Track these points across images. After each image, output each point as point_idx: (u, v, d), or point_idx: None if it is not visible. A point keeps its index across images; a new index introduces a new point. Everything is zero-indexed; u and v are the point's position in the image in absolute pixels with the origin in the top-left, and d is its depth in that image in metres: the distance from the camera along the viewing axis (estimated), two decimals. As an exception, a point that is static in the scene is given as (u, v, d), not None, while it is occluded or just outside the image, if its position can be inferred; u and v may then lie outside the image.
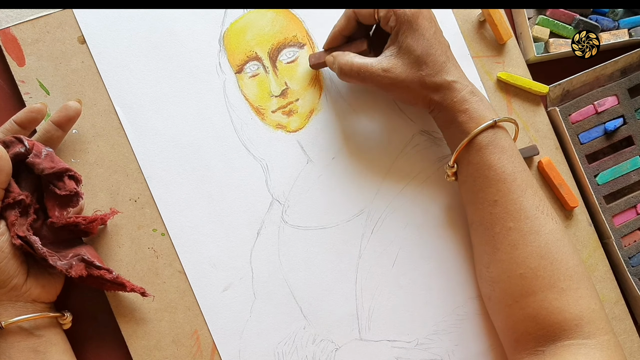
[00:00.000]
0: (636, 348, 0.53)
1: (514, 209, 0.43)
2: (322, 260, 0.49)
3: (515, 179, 0.43)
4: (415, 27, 0.44)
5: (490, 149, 0.43)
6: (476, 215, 0.46)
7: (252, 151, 0.49)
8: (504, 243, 0.43)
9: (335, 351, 0.48)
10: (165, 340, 0.46)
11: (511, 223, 0.43)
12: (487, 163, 0.44)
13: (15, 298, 0.41)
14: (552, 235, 0.42)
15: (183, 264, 0.47)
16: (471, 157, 0.45)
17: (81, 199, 0.42)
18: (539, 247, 0.42)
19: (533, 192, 0.43)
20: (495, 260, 0.44)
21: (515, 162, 0.44)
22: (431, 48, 0.44)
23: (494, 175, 0.43)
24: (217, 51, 0.49)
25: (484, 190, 0.44)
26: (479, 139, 0.44)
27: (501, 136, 0.44)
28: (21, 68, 0.46)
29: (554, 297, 0.41)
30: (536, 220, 0.42)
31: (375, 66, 0.45)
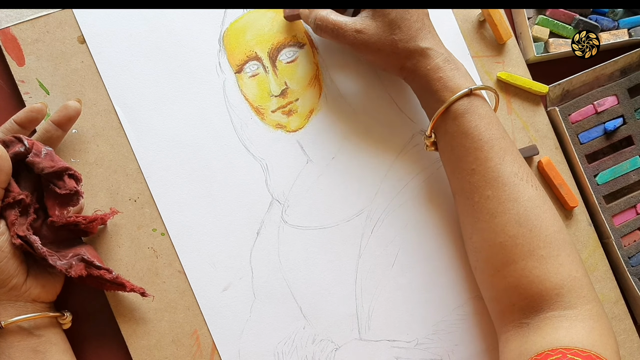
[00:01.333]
0: (636, 348, 0.53)
1: (491, 177, 0.42)
2: (322, 260, 0.49)
3: (492, 146, 0.42)
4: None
5: (467, 117, 0.43)
6: (457, 184, 0.45)
7: (252, 151, 0.49)
8: (483, 212, 0.43)
9: (335, 351, 0.48)
10: (165, 340, 0.46)
11: (489, 191, 0.42)
12: (464, 131, 0.43)
13: (15, 298, 0.41)
14: (531, 202, 0.42)
15: (183, 263, 0.47)
16: (448, 125, 0.44)
17: (81, 198, 0.42)
18: (518, 214, 0.41)
19: (512, 159, 0.43)
20: (476, 230, 0.44)
21: (492, 129, 0.43)
22: (406, 13, 0.44)
23: (470, 143, 0.43)
24: (217, 51, 0.49)
25: (462, 159, 0.44)
26: (455, 107, 0.43)
27: (478, 104, 0.43)
28: (21, 68, 0.46)
29: (534, 265, 0.40)
30: (515, 187, 0.42)
31: (349, 25, 0.45)
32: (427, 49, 0.44)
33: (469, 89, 0.43)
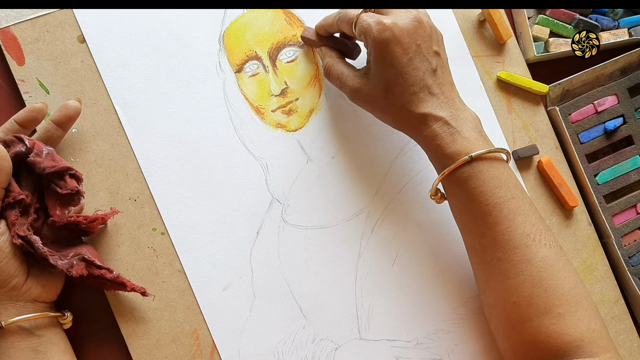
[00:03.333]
0: (636, 348, 0.53)
1: (502, 240, 0.41)
2: (322, 260, 0.49)
3: (501, 210, 0.41)
4: (385, 55, 0.41)
5: (470, 183, 0.41)
6: (467, 242, 0.45)
7: (252, 150, 0.49)
8: (495, 272, 0.42)
9: (335, 350, 0.48)
10: (165, 340, 0.46)
11: (500, 253, 0.41)
12: (469, 197, 0.42)
13: (15, 298, 0.41)
14: (544, 262, 0.40)
15: (183, 263, 0.47)
16: (453, 189, 0.43)
17: (82, 198, 0.42)
18: (531, 275, 0.40)
19: (523, 220, 0.41)
20: (489, 287, 0.43)
21: (500, 192, 0.41)
22: (400, 77, 0.42)
23: (477, 208, 0.41)
24: (217, 50, 0.49)
25: (469, 222, 0.43)
26: (457, 174, 0.42)
27: (481, 169, 0.41)
28: (21, 67, 0.46)
29: (551, 322, 0.40)
30: (527, 249, 0.40)
31: (348, 81, 0.45)
32: (423, 115, 0.42)
33: (469, 156, 0.41)
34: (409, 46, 0.41)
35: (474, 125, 0.43)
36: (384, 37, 0.41)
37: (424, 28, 0.42)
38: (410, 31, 0.41)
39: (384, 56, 0.41)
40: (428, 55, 0.42)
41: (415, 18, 0.42)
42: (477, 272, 0.44)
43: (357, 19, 0.42)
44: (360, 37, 0.43)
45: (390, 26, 0.41)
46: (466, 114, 0.43)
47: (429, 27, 0.43)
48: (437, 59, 0.43)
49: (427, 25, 0.42)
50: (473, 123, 0.43)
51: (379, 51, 0.42)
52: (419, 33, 0.42)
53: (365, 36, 0.42)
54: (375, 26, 0.41)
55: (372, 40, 0.42)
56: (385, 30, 0.41)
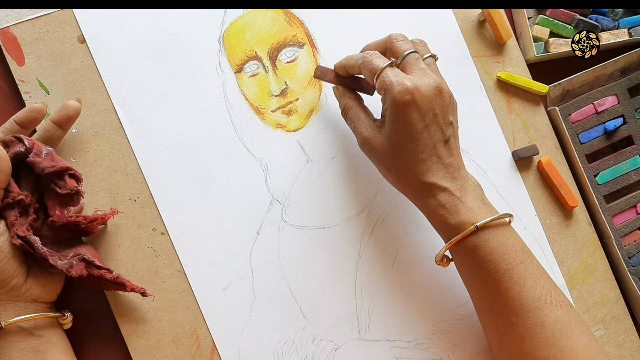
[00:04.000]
0: (636, 348, 0.53)
1: (514, 305, 0.40)
2: (322, 260, 0.49)
3: (511, 276, 0.40)
4: (401, 117, 0.41)
5: (479, 252, 0.41)
6: (478, 306, 0.44)
7: (252, 151, 0.49)
8: (510, 336, 0.41)
9: (335, 351, 0.48)
10: (165, 340, 0.46)
11: (514, 318, 0.41)
12: (478, 265, 0.41)
13: (15, 298, 0.41)
14: (558, 323, 0.40)
15: (183, 263, 0.47)
16: (460, 258, 0.43)
17: (82, 198, 0.42)
18: (546, 337, 0.40)
19: (533, 283, 0.41)
20: (503, 350, 0.42)
21: (509, 258, 0.41)
22: (411, 142, 0.41)
23: (487, 276, 0.41)
24: (217, 51, 0.49)
25: (480, 288, 0.43)
26: (464, 244, 0.41)
27: (488, 237, 0.41)
28: (21, 67, 0.46)
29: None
30: (539, 312, 0.40)
31: (362, 129, 0.45)
32: (429, 184, 0.42)
33: (475, 226, 0.40)
34: (426, 113, 0.41)
35: (477, 194, 0.43)
36: (405, 100, 0.41)
37: (444, 97, 0.42)
38: (430, 98, 0.41)
39: (400, 118, 0.41)
40: (443, 124, 0.42)
41: (437, 86, 0.42)
42: (489, 334, 0.44)
43: (382, 72, 0.42)
44: (380, 92, 0.43)
45: (412, 90, 0.41)
46: (469, 183, 0.43)
47: (448, 96, 0.43)
48: (451, 128, 0.43)
49: (446, 94, 0.42)
50: (476, 192, 0.43)
51: (396, 112, 0.41)
52: (438, 102, 0.42)
53: (385, 92, 0.42)
54: (397, 87, 0.41)
55: (391, 99, 0.41)
56: (407, 93, 0.41)
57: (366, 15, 0.52)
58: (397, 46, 0.44)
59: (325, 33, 0.51)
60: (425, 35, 0.52)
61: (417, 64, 0.43)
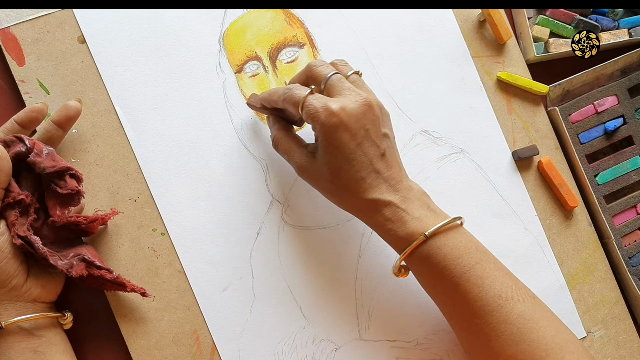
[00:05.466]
0: (636, 348, 0.53)
1: (476, 306, 0.40)
2: (322, 260, 0.49)
3: (468, 278, 0.40)
4: (332, 141, 0.40)
5: (432, 260, 0.41)
6: (442, 310, 0.44)
7: (252, 151, 0.49)
8: (477, 337, 0.41)
9: (335, 351, 0.48)
10: (165, 340, 0.46)
11: (477, 319, 0.40)
12: (434, 273, 0.41)
13: (15, 298, 0.41)
14: (522, 318, 0.40)
15: (183, 263, 0.47)
16: (416, 268, 0.43)
17: (82, 198, 0.42)
18: (512, 334, 0.39)
19: (491, 281, 0.40)
20: (474, 351, 0.42)
21: (463, 261, 0.40)
22: (347, 163, 0.41)
23: (445, 282, 0.41)
24: (217, 51, 0.49)
25: (440, 294, 0.43)
26: (417, 254, 0.41)
27: (439, 244, 0.41)
28: (21, 68, 0.46)
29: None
30: (502, 309, 0.40)
31: (296, 158, 0.44)
32: (372, 201, 0.41)
33: (424, 235, 0.40)
34: (357, 131, 0.40)
35: (422, 202, 0.42)
36: (331, 123, 0.40)
37: (373, 111, 0.41)
38: (358, 116, 0.40)
39: (332, 142, 0.40)
40: (377, 139, 0.41)
41: (365, 102, 0.41)
42: (459, 336, 0.44)
43: (304, 101, 0.41)
44: (308, 120, 0.41)
45: (337, 112, 0.40)
46: (413, 193, 0.42)
47: (377, 108, 0.42)
48: (386, 140, 0.42)
49: (376, 107, 0.42)
50: (421, 200, 0.42)
51: (327, 136, 0.40)
52: (367, 117, 0.41)
53: (312, 120, 0.41)
54: (323, 112, 0.40)
55: (320, 125, 0.40)
56: (333, 116, 0.40)
57: (366, 15, 0.52)
58: (317, 72, 0.43)
59: (325, 33, 0.51)
60: (425, 36, 0.53)
61: (341, 85, 0.42)
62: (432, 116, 0.52)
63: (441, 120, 0.52)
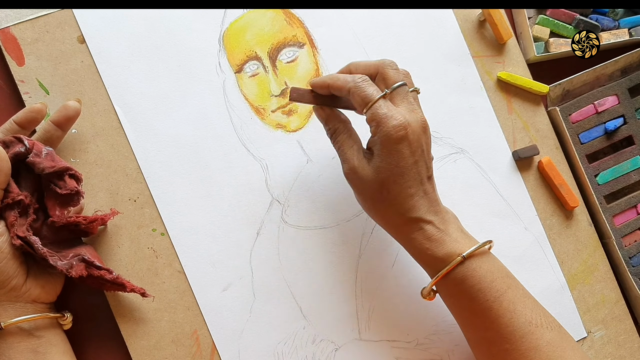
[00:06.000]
0: (636, 348, 0.53)
1: (507, 332, 0.40)
2: (322, 260, 0.49)
3: (501, 303, 0.40)
4: (393, 153, 0.40)
5: (468, 282, 0.41)
6: (469, 335, 0.44)
7: (252, 151, 0.49)
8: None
9: (335, 351, 0.48)
10: (165, 340, 0.46)
11: (507, 345, 0.40)
12: (468, 296, 0.41)
13: (15, 298, 0.41)
14: (550, 345, 0.40)
15: (183, 263, 0.47)
16: (449, 290, 0.43)
17: (82, 198, 0.42)
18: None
19: (522, 307, 0.41)
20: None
21: (497, 285, 0.41)
22: (401, 177, 0.41)
23: (478, 305, 0.41)
24: (217, 51, 0.49)
25: (471, 317, 0.42)
26: (452, 275, 0.41)
27: (475, 266, 0.41)
28: (20, 68, 0.46)
29: None
30: (532, 336, 0.40)
31: (349, 157, 0.43)
32: (415, 219, 0.41)
33: (462, 256, 0.40)
34: (416, 149, 0.41)
35: (457, 226, 0.43)
36: (399, 135, 0.40)
37: (428, 133, 0.42)
38: (419, 134, 0.41)
39: (392, 153, 0.40)
40: (428, 160, 0.42)
41: (424, 123, 0.42)
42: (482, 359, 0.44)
43: (374, 104, 0.41)
44: (371, 123, 0.41)
45: (405, 125, 0.40)
46: (449, 216, 0.43)
47: (429, 132, 0.43)
48: (432, 164, 0.43)
49: (429, 130, 0.42)
50: (456, 224, 0.43)
51: (389, 147, 0.40)
52: (424, 139, 0.42)
53: (377, 125, 0.40)
54: (392, 121, 0.40)
55: (385, 133, 0.40)
56: (401, 129, 0.40)
57: (366, 15, 0.52)
58: (390, 75, 0.42)
59: (325, 33, 0.51)
60: (425, 35, 0.52)
61: (406, 98, 0.42)
62: (432, 116, 0.52)
63: (441, 120, 0.52)
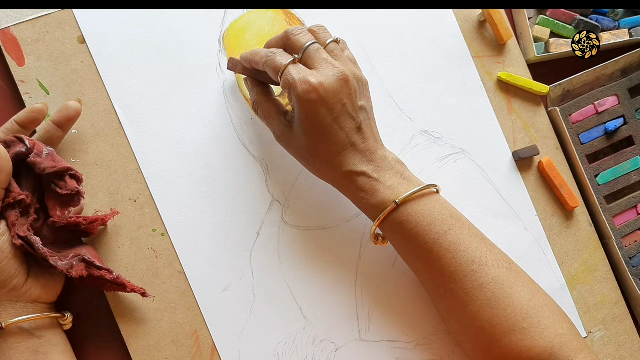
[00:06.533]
0: (636, 348, 0.53)
1: (449, 272, 0.41)
2: (322, 260, 0.49)
3: (441, 244, 0.41)
4: (309, 115, 0.41)
5: (404, 226, 0.41)
6: (418, 277, 0.45)
7: (252, 151, 0.49)
8: (452, 302, 0.42)
9: (335, 351, 0.48)
10: (165, 340, 0.46)
11: (452, 285, 0.41)
12: (407, 239, 0.42)
13: (15, 298, 0.41)
14: (496, 282, 0.40)
15: (182, 264, 0.47)
16: (390, 235, 0.43)
17: (82, 198, 0.42)
18: (487, 298, 0.40)
19: (465, 247, 0.41)
20: (451, 318, 0.43)
21: (435, 227, 0.41)
22: (323, 136, 0.41)
23: (417, 248, 0.42)
24: (217, 51, 0.49)
25: (414, 261, 0.43)
26: (389, 221, 0.42)
27: (410, 210, 0.41)
28: (20, 68, 0.46)
29: (518, 339, 0.39)
30: (475, 274, 0.40)
31: (274, 124, 0.44)
32: (346, 172, 0.42)
33: (395, 202, 0.41)
34: (334, 106, 0.41)
35: (396, 171, 0.43)
36: (309, 98, 0.40)
37: (349, 84, 0.41)
38: (335, 90, 0.40)
39: (308, 115, 0.41)
40: (353, 112, 0.42)
41: (342, 76, 0.41)
42: (436, 305, 0.45)
43: (284, 70, 0.41)
44: (285, 89, 0.42)
45: (316, 86, 0.40)
46: (387, 162, 0.43)
47: (354, 80, 0.42)
48: (362, 113, 0.42)
49: (352, 79, 0.41)
50: (395, 169, 0.43)
51: (304, 110, 0.41)
52: (344, 91, 0.41)
53: (289, 90, 0.41)
54: (301, 85, 0.40)
55: (296, 97, 0.40)
56: (311, 90, 0.40)
57: (366, 15, 0.52)
58: (295, 41, 0.43)
59: (325, 33, 0.51)
60: (425, 35, 0.52)
61: (318, 56, 0.42)
62: (432, 116, 0.52)
63: (441, 121, 0.52)
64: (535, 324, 0.40)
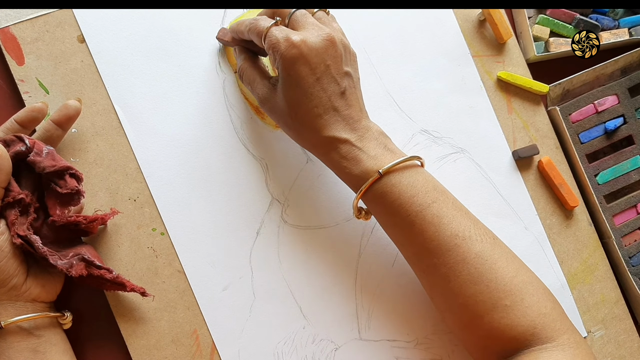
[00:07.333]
0: (636, 348, 0.53)
1: (432, 246, 0.40)
2: (322, 260, 0.49)
3: (424, 217, 0.40)
4: (291, 74, 0.40)
5: (387, 198, 0.41)
6: (402, 252, 0.44)
7: (252, 150, 0.49)
8: (436, 277, 0.41)
9: (335, 351, 0.48)
10: (165, 340, 0.46)
11: (435, 259, 0.40)
12: (390, 211, 0.41)
13: (15, 298, 0.41)
14: (479, 258, 0.40)
15: (182, 263, 0.47)
16: (372, 207, 0.42)
17: (82, 197, 0.42)
18: (470, 274, 0.39)
19: (448, 221, 0.40)
20: (435, 293, 0.43)
21: (419, 200, 0.40)
22: (305, 98, 0.40)
23: (400, 221, 0.41)
24: (217, 51, 0.49)
25: (397, 234, 0.43)
26: (372, 192, 0.41)
27: (394, 182, 0.40)
28: (20, 67, 0.46)
29: (501, 316, 0.39)
30: (459, 249, 0.40)
31: (258, 89, 0.44)
32: (328, 138, 0.41)
33: (379, 172, 0.40)
34: (316, 66, 0.40)
35: (380, 142, 0.42)
36: (291, 54, 0.39)
37: (335, 47, 0.41)
38: (319, 50, 0.40)
39: (290, 74, 0.40)
40: (337, 75, 0.41)
41: (327, 37, 0.40)
42: (420, 280, 0.44)
43: (267, 32, 0.41)
44: (269, 51, 0.41)
45: (298, 44, 0.39)
46: (371, 133, 0.42)
47: (341, 46, 0.41)
48: (348, 79, 0.42)
49: (339, 44, 0.41)
50: (378, 140, 0.42)
51: (286, 68, 0.40)
52: (329, 53, 0.40)
53: (273, 51, 0.40)
54: (284, 43, 0.39)
55: (280, 56, 0.40)
56: (293, 47, 0.39)
57: (366, 15, 0.52)
58: (282, 9, 0.43)
59: (325, 33, 0.51)
60: (425, 35, 0.52)
61: (304, 19, 0.42)
62: (432, 116, 0.52)
63: (441, 120, 0.52)
64: (518, 302, 0.39)
